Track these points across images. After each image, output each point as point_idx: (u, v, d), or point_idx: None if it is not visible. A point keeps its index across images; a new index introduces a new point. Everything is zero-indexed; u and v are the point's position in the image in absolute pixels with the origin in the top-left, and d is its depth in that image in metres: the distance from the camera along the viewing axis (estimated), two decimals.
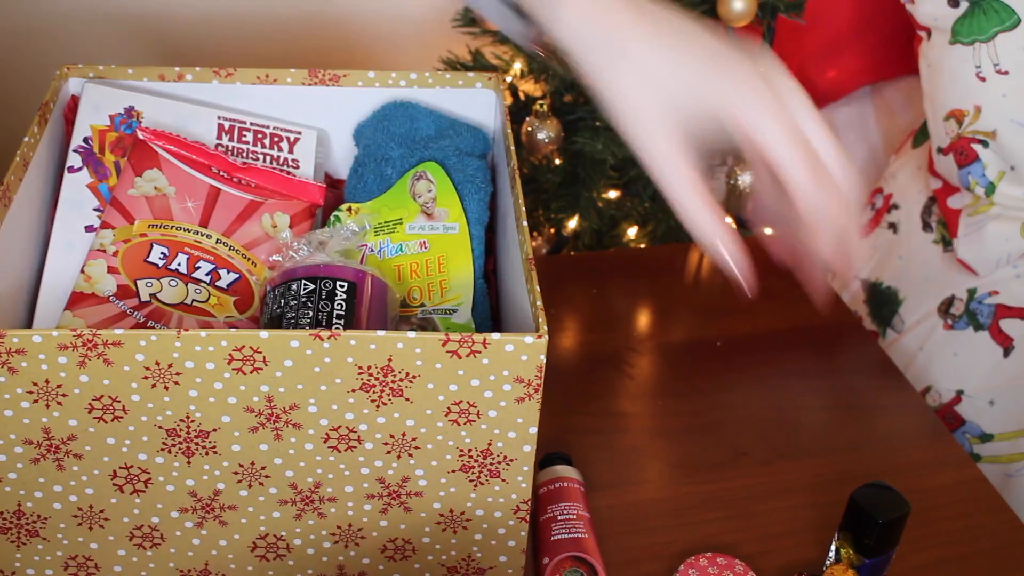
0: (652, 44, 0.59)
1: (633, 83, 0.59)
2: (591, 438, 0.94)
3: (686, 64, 0.58)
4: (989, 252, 1.23)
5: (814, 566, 0.82)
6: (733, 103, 0.58)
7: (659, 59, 0.58)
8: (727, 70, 0.58)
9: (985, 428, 1.23)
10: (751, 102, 0.58)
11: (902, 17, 1.37)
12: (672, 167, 0.59)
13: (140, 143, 0.80)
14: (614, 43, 0.59)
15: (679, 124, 0.59)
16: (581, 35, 0.60)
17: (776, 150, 0.57)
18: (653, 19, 0.60)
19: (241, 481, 0.68)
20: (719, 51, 0.59)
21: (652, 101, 0.59)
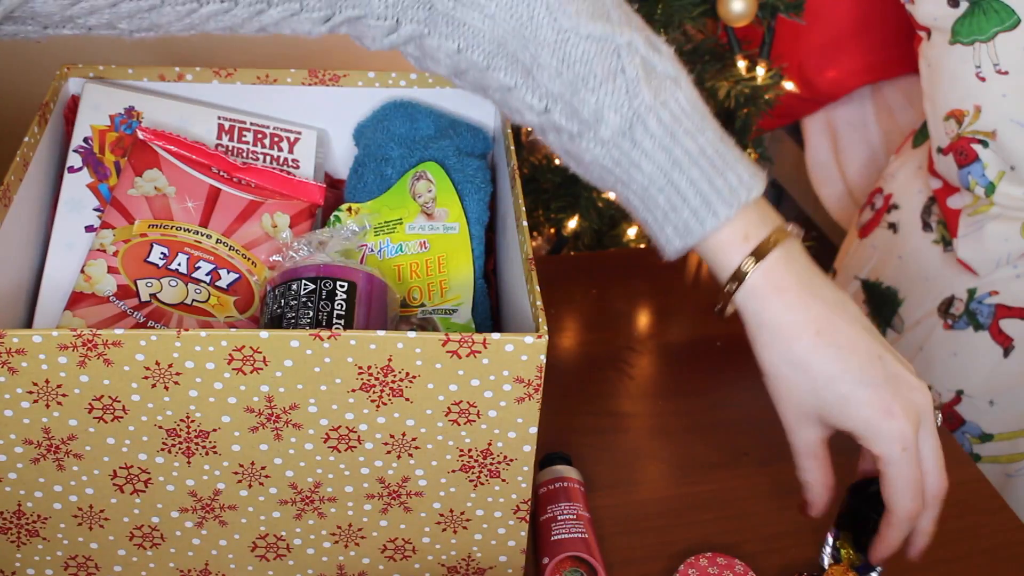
0: (816, 343, 0.64)
1: (789, 370, 0.66)
2: (591, 438, 0.94)
3: (842, 373, 0.64)
4: (989, 252, 1.23)
5: (814, 566, 0.82)
6: (869, 427, 0.65)
7: (819, 360, 0.64)
8: (878, 390, 0.64)
9: (985, 428, 1.23)
10: (887, 435, 0.65)
11: (902, 17, 1.37)
12: (799, 435, 0.68)
13: (140, 143, 0.80)
14: (785, 333, 0.65)
15: (817, 414, 0.66)
16: (759, 313, 0.66)
17: (890, 480, 0.67)
18: (824, 311, 0.65)
19: (241, 481, 0.68)
20: (877, 363, 0.65)
21: (800, 390, 0.66)
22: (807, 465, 0.70)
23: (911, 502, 0.67)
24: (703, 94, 1.44)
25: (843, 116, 1.76)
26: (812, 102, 1.75)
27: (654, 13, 1.29)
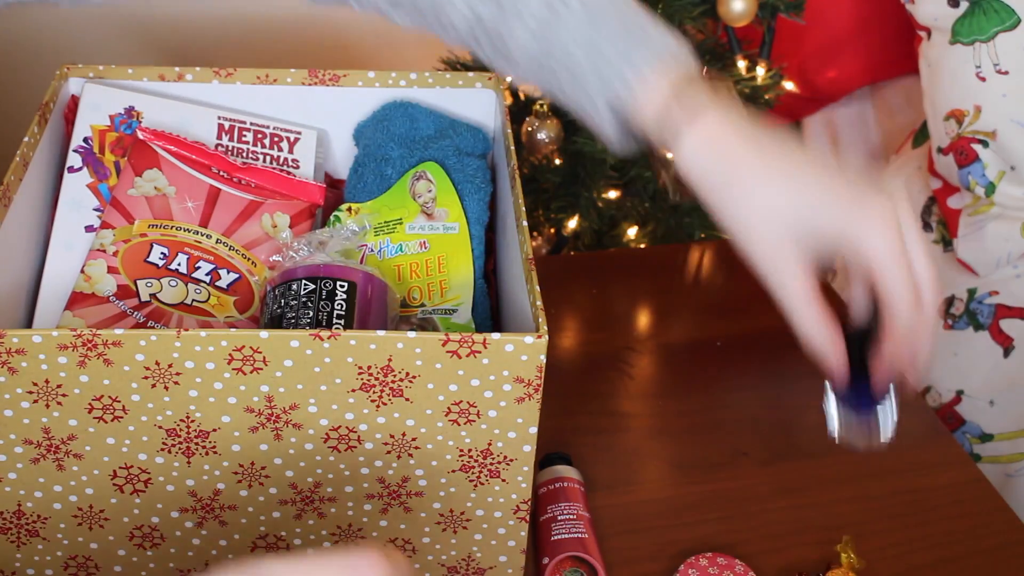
0: (769, 178, 0.62)
1: (750, 214, 0.63)
2: (591, 438, 0.94)
3: (801, 195, 0.62)
4: (989, 252, 1.23)
5: (814, 566, 0.82)
6: (849, 231, 0.61)
7: (776, 193, 0.62)
8: (842, 198, 0.61)
9: (985, 428, 1.23)
10: (867, 230, 0.60)
11: (902, 17, 1.37)
12: (787, 284, 0.63)
13: (140, 143, 0.80)
14: (732, 177, 0.63)
15: (796, 245, 0.62)
16: (700, 164, 0.63)
17: (885, 278, 0.61)
18: (770, 152, 0.63)
19: (241, 481, 0.68)
20: (834, 178, 0.62)
21: (769, 230, 0.63)
22: (806, 315, 0.63)
23: (910, 290, 0.62)
24: None
25: (843, 116, 1.76)
26: (812, 102, 1.75)
27: (654, 13, 1.29)
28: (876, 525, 0.86)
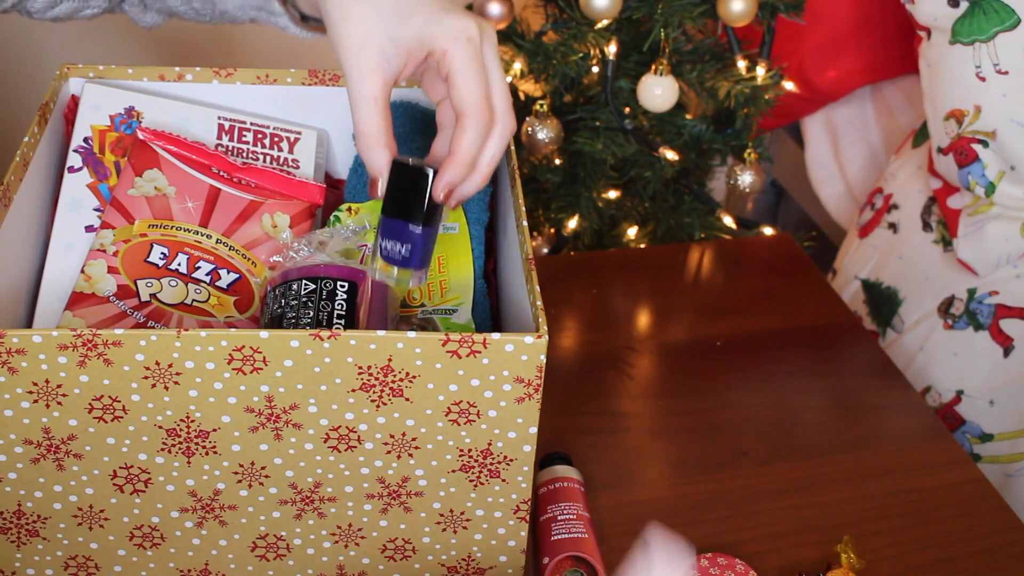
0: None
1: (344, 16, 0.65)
2: (591, 438, 0.94)
3: (392, 5, 0.65)
4: (989, 252, 1.23)
5: (814, 566, 0.82)
6: (428, 40, 0.65)
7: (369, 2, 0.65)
8: (429, 10, 0.65)
9: (985, 428, 1.23)
10: (446, 40, 0.64)
11: (902, 17, 1.37)
12: (359, 84, 0.65)
13: (140, 143, 0.80)
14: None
15: (377, 50, 0.65)
16: None
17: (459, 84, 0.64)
18: None
19: (241, 481, 0.68)
20: None
21: (356, 33, 0.65)
22: (368, 111, 0.65)
23: (481, 97, 0.65)
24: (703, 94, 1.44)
25: (843, 116, 1.76)
26: (812, 102, 1.75)
27: (654, 13, 1.29)
28: (876, 525, 0.86)
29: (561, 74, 1.34)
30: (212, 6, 0.80)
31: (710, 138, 1.42)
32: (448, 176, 0.66)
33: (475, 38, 0.65)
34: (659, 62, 1.29)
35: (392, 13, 0.65)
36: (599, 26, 1.32)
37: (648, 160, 1.41)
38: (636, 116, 1.39)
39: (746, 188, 1.39)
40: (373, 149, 0.66)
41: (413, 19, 0.65)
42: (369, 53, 0.65)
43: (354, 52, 0.65)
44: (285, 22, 0.75)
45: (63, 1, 0.82)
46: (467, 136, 0.65)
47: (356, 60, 0.65)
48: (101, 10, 0.84)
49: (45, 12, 0.82)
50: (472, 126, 0.65)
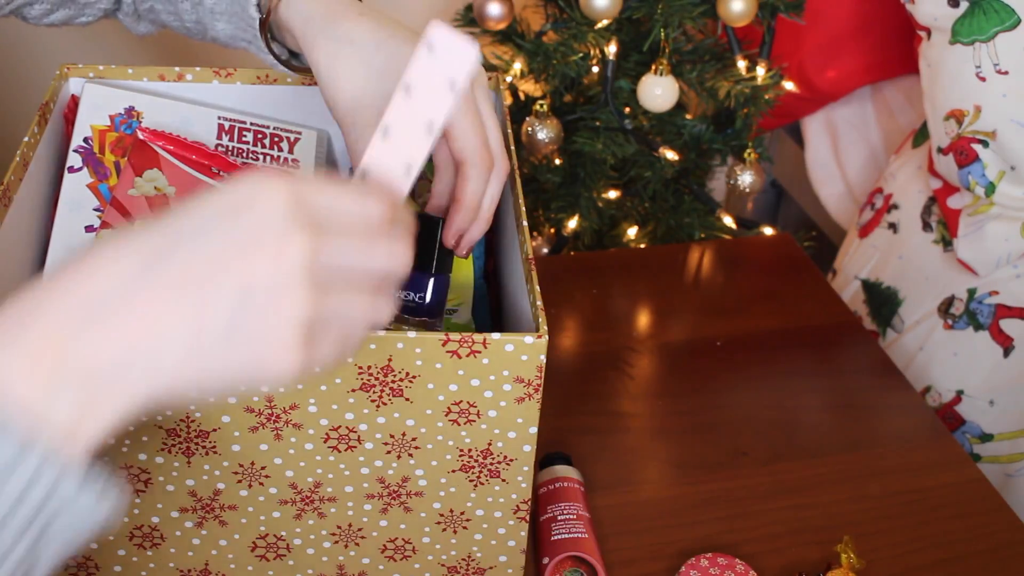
0: (361, 19, 0.67)
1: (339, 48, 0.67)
2: (591, 438, 0.94)
3: (390, 36, 0.66)
4: (989, 252, 1.23)
5: (814, 566, 0.82)
6: None
7: (365, 30, 0.67)
8: None
9: (985, 428, 1.23)
10: None
11: (902, 17, 1.37)
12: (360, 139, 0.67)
13: (140, 143, 0.80)
14: (332, 13, 0.68)
15: (372, 104, 0.66)
16: (304, 11, 0.69)
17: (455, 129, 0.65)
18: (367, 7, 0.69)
19: (241, 481, 0.68)
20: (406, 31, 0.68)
21: (351, 88, 0.67)
22: None
23: (479, 144, 0.65)
24: (703, 94, 1.44)
25: (843, 116, 1.76)
26: (812, 102, 1.75)
27: (654, 13, 1.29)
28: (876, 525, 0.86)
29: (561, 74, 1.34)
30: (203, 29, 0.81)
31: (710, 138, 1.42)
32: (457, 224, 0.67)
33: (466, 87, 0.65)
34: (659, 62, 1.29)
35: (381, 70, 0.66)
36: (599, 26, 1.32)
37: (648, 160, 1.41)
38: (636, 116, 1.39)
39: (746, 188, 1.39)
40: None
41: (403, 58, 0.65)
42: (364, 111, 0.66)
43: (349, 112, 0.67)
44: (272, 61, 0.76)
45: (59, 8, 0.83)
46: (470, 184, 0.66)
47: (352, 119, 0.67)
48: (96, 18, 0.85)
49: (42, 19, 0.84)
50: (474, 175, 0.66)
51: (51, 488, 0.42)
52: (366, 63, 0.66)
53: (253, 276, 0.44)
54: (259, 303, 0.44)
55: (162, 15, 0.82)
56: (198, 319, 0.44)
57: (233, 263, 0.44)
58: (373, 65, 0.66)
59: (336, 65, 0.67)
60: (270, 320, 0.44)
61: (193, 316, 0.44)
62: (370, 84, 0.66)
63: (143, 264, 0.44)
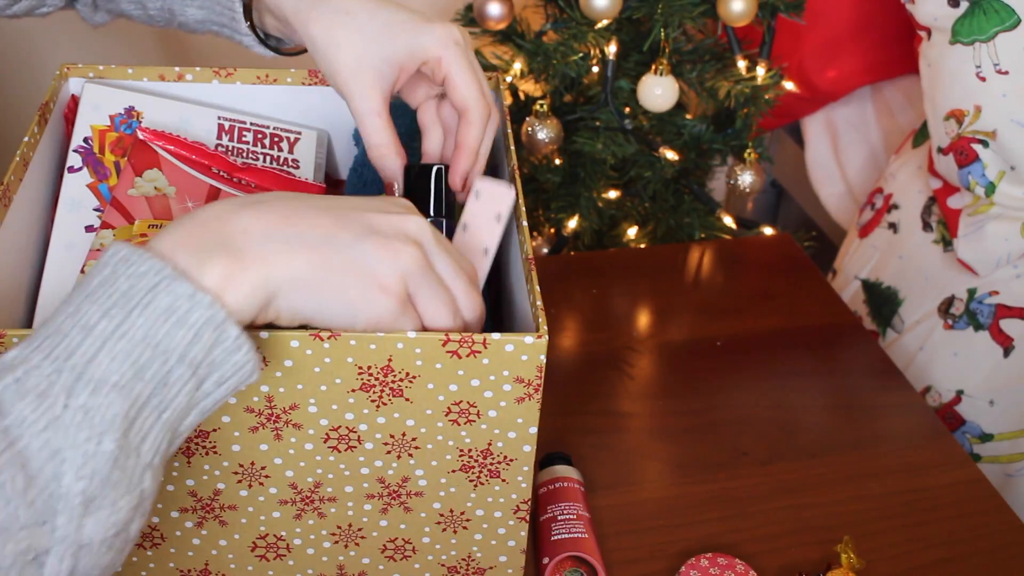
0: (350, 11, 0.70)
1: (335, 18, 0.70)
2: (591, 438, 0.94)
3: (380, 5, 0.70)
4: (989, 252, 1.23)
5: (814, 566, 0.82)
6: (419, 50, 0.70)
7: (355, 25, 0.70)
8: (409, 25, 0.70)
9: (985, 428, 1.23)
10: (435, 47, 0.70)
11: (902, 17, 1.37)
12: (361, 101, 0.70)
13: (140, 143, 0.80)
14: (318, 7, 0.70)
15: (371, 69, 0.70)
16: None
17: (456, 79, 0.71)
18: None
19: (241, 481, 0.68)
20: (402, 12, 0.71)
21: (350, 57, 0.70)
22: (376, 125, 0.71)
23: (480, 94, 0.71)
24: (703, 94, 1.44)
25: (843, 116, 1.76)
26: (812, 102, 1.75)
27: (654, 13, 1.29)
28: (876, 525, 0.86)
29: (561, 74, 1.34)
30: (170, 16, 0.82)
31: (710, 138, 1.42)
32: (463, 166, 0.73)
33: (461, 41, 0.71)
34: (659, 62, 1.29)
35: (378, 33, 0.70)
36: (599, 26, 1.32)
37: (648, 160, 1.41)
38: (636, 116, 1.39)
39: (746, 188, 1.39)
40: (386, 158, 0.72)
41: (399, 36, 0.70)
42: (365, 74, 0.70)
43: (351, 75, 0.70)
44: (251, 41, 0.79)
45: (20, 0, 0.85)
46: (473, 128, 0.72)
47: (354, 82, 0.70)
48: (56, 8, 0.87)
49: (4, 10, 0.85)
50: (477, 119, 0.72)
51: (210, 342, 0.51)
52: (362, 30, 0.70)
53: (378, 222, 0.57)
54: (379, 243, 0.56)
55: (122, 4, 0.84)
56: (330, 230, 0.56)
57: (364, 212, 0.57)
58: (369, 32, 0.70)
59: (334, 35, 0.70)
60: (382, 257, 0.56)
61: (328, 226, 0.56)
62: (369, 49, 0.70)
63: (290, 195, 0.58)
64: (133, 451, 0.49)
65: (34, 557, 0.46)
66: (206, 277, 0.52)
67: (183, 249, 0.52)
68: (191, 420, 0.53)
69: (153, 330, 0.50)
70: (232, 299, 0.52)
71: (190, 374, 0.51)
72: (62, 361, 0.49)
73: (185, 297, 0.50)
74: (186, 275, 0.51)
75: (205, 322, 0.50)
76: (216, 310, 0.51)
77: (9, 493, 0.46)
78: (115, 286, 0.50)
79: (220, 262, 0.52)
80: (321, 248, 0.55)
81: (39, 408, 0.47)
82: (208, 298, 0.50)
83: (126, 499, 0.49)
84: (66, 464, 0.47)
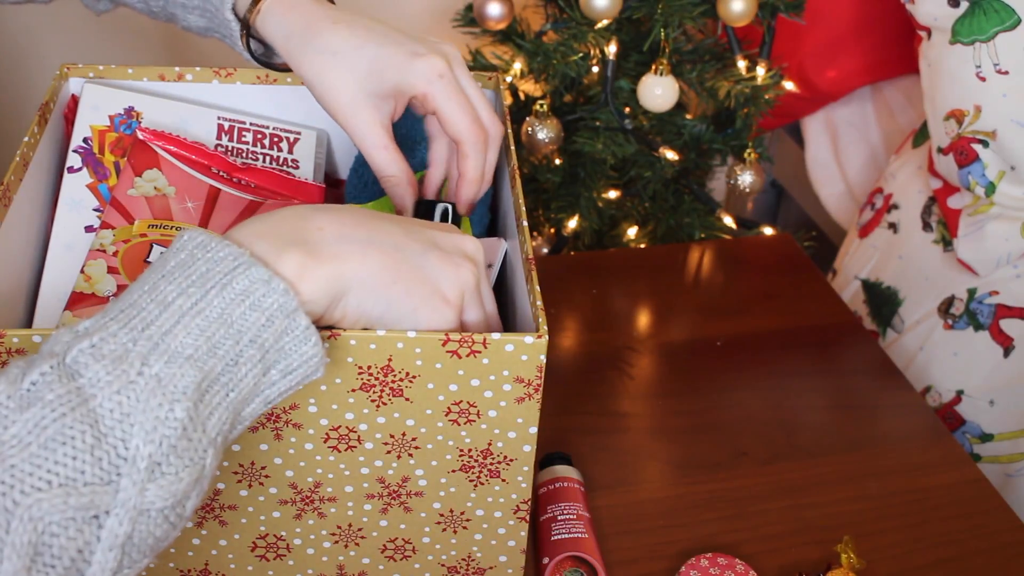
0: (336, 28, 0.72)
1: (328, 72, 0.71)
2: (591, 438, 0.94)
3: (370, 56, 0.71)
4: (989, 252, 1.23)
5: (814, 566, 0.82)
6: (404, 71, 0.71)
7: (343, 39, 0.71)
8: (401, 56, 0.71)
9: (985, 428, 1.23)
10: (422, 82, 0.71)
11: (902, 17, 1.37)
12: (365, 133, 0.72)
13: (140, 143, 0.80)
14: (311, 38, 0.72)
15: (368, 98, 0.72)
16: (282, 26, 0.73)
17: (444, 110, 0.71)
18: (334, 11, 0.73)
19: (241, 481, 0.68)
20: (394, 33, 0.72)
21: (347, 87, 0.72)
22: (382, 157, 0.73)
23: (471, 122, 0.72)
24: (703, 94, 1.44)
25: (843, 116, 1.76)
26: (812, 102, 1.75)
27: (654, 13, 1.29)
28: (876, 525, 0.86)
29: (561, 74, 1.34)
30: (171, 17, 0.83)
31: (710, 138, 1.42)
32: (467, 196, 0.75)
33: (447, 72, 0.71)
34: (659, 62, 1.29)
35: (367, 72, 0.71)
36: (599, 26, 1.32)
37: (648, 160, 1.41)
38: (636, 116, 1.39)
39: (746, 188, 1.39)
40: (398, 187, 0.74)
41: (387, 74, 0.71)
42: (363, 112, 0.72)
43: (350, 114, 0.72)
44: (249, 57, 0.80)
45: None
46: (471, 160, 0.73)
47: (355, 121, 0.72)
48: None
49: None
50: (472, 151, 0.73)
51: (281, 329, 0.52)
52: (352, 69, 0.71)
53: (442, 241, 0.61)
54: (443, 257, 0.59)
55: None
56: (400, 239, 0.58)
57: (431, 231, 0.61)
58: (359, 70, 0.71)
59: (325, 77, 0.72)
60: (447, 271, 0.59)
61: (397, 234, 0.58)
62: (361, 87, 0.71)
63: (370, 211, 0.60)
64: (200, 424, 0.50)
65: (95, 515, 0.47)
66: (283, 266, 0.53)
67: (261, 240, 0.54)
68: (254, 407, 0.54)
69: (228, 310, 0.51)
70: (306, 290, 0.54)
71: (259, 357, 0.52)
72: (139, 332, 0.50)
73: (261, 282, 0.52)
74: (263, 262, 0.53)
75: (278, 308, 0.52)
76: (289, 298, 0.52)
77: (78, 448, 0.47)
78: (192, 267, 0.52)
79: (296, 254, 0.54)
80: (392, 253, 0.57)
81: (114, 371, 0.48)
82: (283, 285, 0.52)
83: (188, 471, 0.50)
84: (136, 427, 0.48)
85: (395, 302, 0.58)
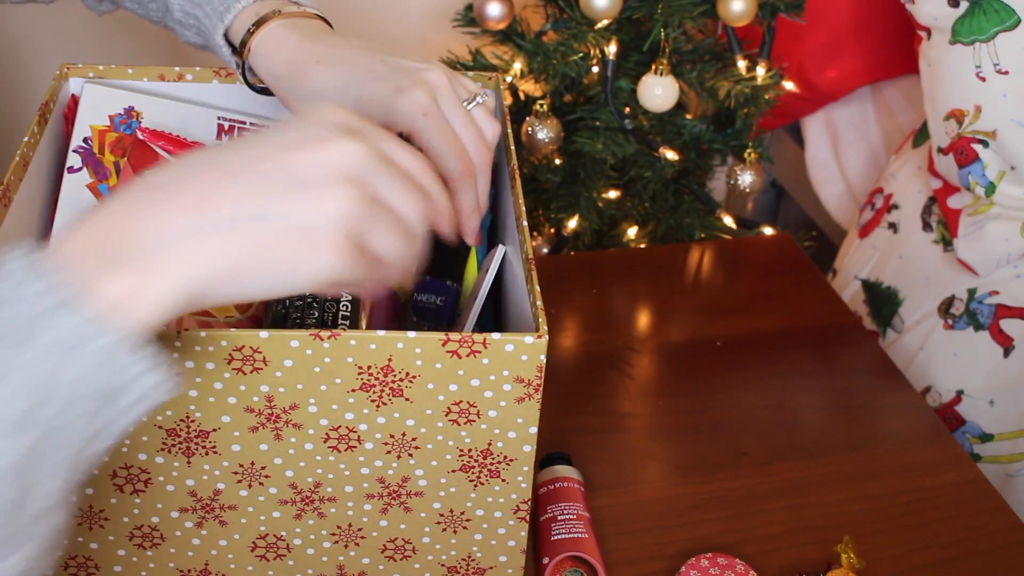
0: (319, 69, 0.71)
1: (311, 103, 0.70)
2: (591, 438, 0.94)
3: (355, 84, 0.70)
4: (989, 252, 1.23)
5: (814, 566, 0.82)
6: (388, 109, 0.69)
7: (327, 81, 0.71)
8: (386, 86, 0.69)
9: (985, 428, 1.23)
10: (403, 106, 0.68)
11: (902, 17, 1.37)
12: None
13: (140, 143, 0.80)
14: (297, 68, 0.72)
15: None
16: (271, 70, 0.73)
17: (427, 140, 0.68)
18: (329, 47, 0.72)
19: (241, 481, 0.68)
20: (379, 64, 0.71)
21: None
22: None
23: (457, 160, 0.69)
24: (703, 94, 1.44)
25: (843, 116, 1.76)
26: (812, 102, 1.75)
27: (654, 13, 1.29)
28: (876, 525, 0.86)
29: (561, 74, 1.34)
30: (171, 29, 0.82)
31: (710, 138, 1.42)
32: (469, 228, 0.72)
33: (431, 109, 0.68)
34: (659, 62, 1.29)
35: (358, 86, 0.70)
36: (599, 26, 1.32)
37: (648, 160, 1.41)
38: (636, 116, 1.39)
39: (746, 188, 1.39)
40: None
41: (373, 112, 0.69)
42: None
43: None
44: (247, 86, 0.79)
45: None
46: (460, 195, 0.70)
47: None
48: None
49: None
50: (461, 187, 0.70)
51: (115, 366, 0.46)
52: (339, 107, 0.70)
53: (300, 167, 0.49)
54: (305, 196, 0.49)
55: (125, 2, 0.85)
56: (250, 201, 0.49)
57: (283, 155, 0.50)
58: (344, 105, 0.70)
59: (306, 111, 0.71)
60: (312, 212, 0.49)
61: (236, 199, 0.49)
62: None
63: (204, 157, 0.50)
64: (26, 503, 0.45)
65: None
66: (112, 289, 0.47)
67: (88, 256, 0.47)
68: (99, 446, 0.48)
69: (50, 363, 0.45)
70: (143, 314, 0.47)
71: (96, 406, 0.46)
72: None
73: (87, 322, 0.45)
74: (88, 287, 0.46)
75: (111, 349, 0.46)
76: (121, 334, 0.46)
77: None
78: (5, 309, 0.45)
79: (124, 275, 0.47)
80: (244, 230, 0.49)
81: None
82: (113, 323, 0.46)
83: (20, 554, 0.46)
84: None
85: (267, 278, 0.50)
